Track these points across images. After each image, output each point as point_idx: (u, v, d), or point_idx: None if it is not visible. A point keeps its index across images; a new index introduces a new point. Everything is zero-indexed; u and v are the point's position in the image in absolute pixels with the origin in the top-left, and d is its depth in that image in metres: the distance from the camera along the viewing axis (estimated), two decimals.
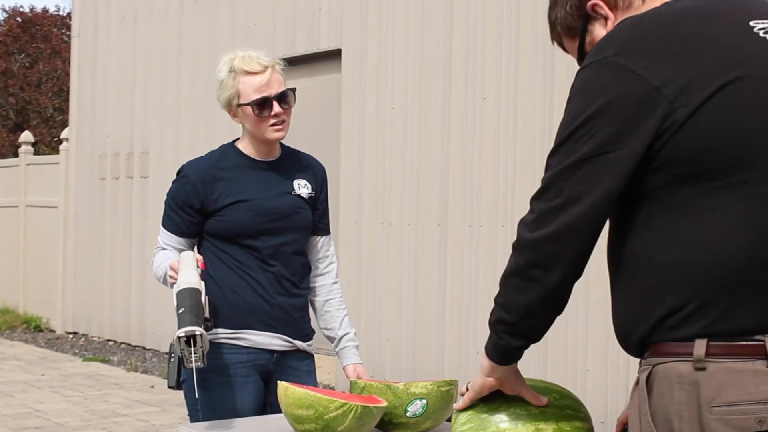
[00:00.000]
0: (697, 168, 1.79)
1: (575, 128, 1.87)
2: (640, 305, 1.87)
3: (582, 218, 1.85)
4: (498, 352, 2.07)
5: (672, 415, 1.79)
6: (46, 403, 8.09)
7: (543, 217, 1.89)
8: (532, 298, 1.93)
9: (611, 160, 1.83)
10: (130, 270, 11.14)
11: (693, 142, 1.79)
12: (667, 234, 1.83)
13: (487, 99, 7.15)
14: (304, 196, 3.52)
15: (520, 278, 1.93)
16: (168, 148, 10.62)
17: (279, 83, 3.43)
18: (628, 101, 1.81)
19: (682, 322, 1.81)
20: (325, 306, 3.63)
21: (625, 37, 1.86)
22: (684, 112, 1.78)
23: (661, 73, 1.80)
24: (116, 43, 11.66)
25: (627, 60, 1.83)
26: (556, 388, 2.26)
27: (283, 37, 9.17)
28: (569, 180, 1.86)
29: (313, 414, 2.59)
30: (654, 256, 1.85)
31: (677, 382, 1.79)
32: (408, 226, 7.75)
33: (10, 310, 13.19)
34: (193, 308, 2.99)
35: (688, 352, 1.79)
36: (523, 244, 1.92)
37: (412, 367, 7.66)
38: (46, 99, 22.78)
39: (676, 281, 1.81)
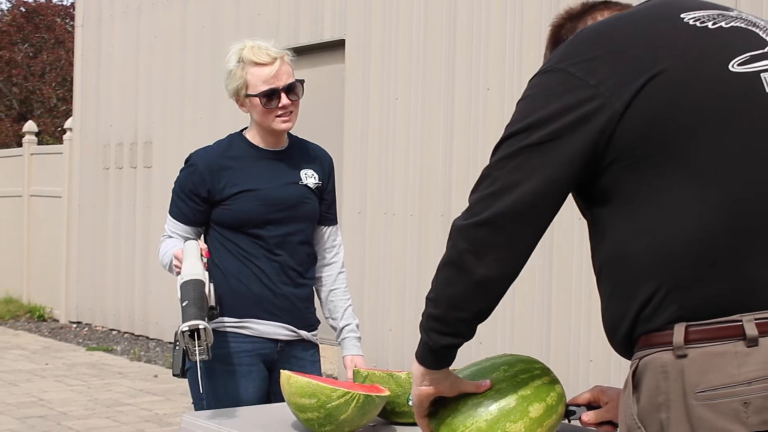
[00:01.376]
0: (642, 155, 1.82)
1: (516, 130, 1.92)
2: (621, 303, 1.89)
3: (515, 205, 1.87)
4: (427, 352, 2.07)
5: (660, 406, 1.80)
6: (49, 392, 8.11)
7: (475, 206, 1.92)
8: (460, 288, 1.94)
9: (548, 150, 1.86)
10: (134, 260, 11.15)
11: (634, 131, 1.82)
12: (629, 226, 1.85)
13: (491, 89, 7.16)
14: (311, 186, 3.53)
15: (450, 268, 1.96)
16: (171, 138, 10.62)
17: (287, 75, 3.44)
18: (569, 100, 1.86)
19: (656, 309, 1.82)
20: (330, 296, 3.64)
21: (565, 47, 1.95)
22: (620, 103, 1.82)
23: (596, 73, 1.85)
24: (120, 33, 11.66)
25: (567, 65, 1.89)
26: (505, 359, 2.26)
27: (286, 27, 9.17)
28: (504, 169, 1.90)
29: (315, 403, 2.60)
30: (621, 251, 1.86)
31: (661, 372, 1.80)
32: (411, 216, 7.76)
33: (13, 300, 13.21)
34: (197, 301, 2.99)
35: (669, 341, 1.79)
36: (453, 232, 1.95)
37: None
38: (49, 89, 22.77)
39: (646, 270, 1.83)
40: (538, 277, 6.68)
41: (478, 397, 2.15)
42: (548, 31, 2.28)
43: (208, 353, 2.94)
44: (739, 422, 1.73)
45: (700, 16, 1.91)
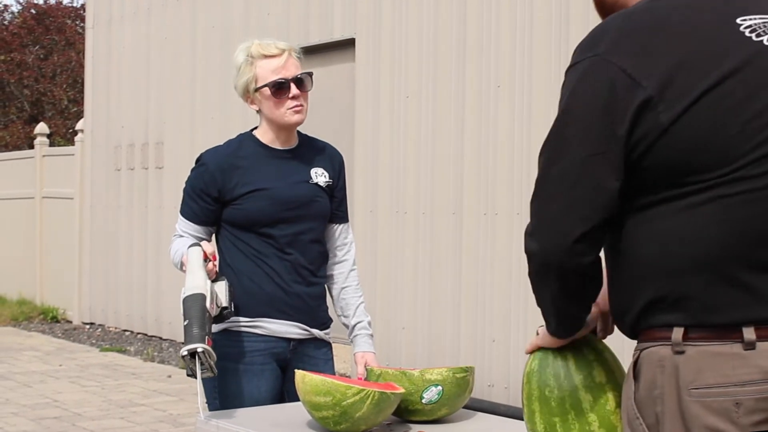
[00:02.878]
0: (680, 170, 1.82)
1: (563, 125, 1.89)
2: (627, 296, 1.92)
3: (582, 222, 1.87)
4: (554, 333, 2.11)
5: (656, 398, 1.83)
6: (64, 393, 8.13)
7: (545, 230, 1.91)
8: (562, 303, 1.99)
9: (601, 163, 1.85)
10: (146, 260, 11.17)
11: (675, 147, 1.81)
12: (649, 230, 1.87)
13: (502, 87, 7.15)
14: (322, 185, 3.53)
15: (545, 288, 1.99)
16: (183, 138, 10.64)
17: (296, 67, 3.45)
18: (616, 101, 1.83)
19: (662, 313, 1.85)
20: (342, 293, 3.64)
21: (616, 33, 1.87)
22: (667, 117, 1.81)
23: (649, 74, 1.82)
24: (130, 34, 11.68)
25: (618, 59, 1.84)
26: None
27: (296, 26, 9.17)
28: (562, 186, 1.89)
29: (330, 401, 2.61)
30: (636, 251, 1.89)
31: (658, 365, 1.84)
32: (423, 214, 7.76)
33: (27, 301, 13.24)
34: (198, 319, 2.99)
35: (668, 337, 1.83)
36: (535, 261, 1.95)
37: (427, 354, 7.67)
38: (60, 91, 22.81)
39: (656, 275, 1.85)
40: None
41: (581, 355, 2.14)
42: None
43: (212, 371, 2.96)
44: (730, 421, 1.76)
45: (756, 24, 1.88)
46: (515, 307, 6.91)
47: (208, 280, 3.14)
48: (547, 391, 2.12)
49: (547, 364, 2.14)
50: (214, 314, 3.11)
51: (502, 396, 6.98)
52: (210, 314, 3.05)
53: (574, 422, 2.09)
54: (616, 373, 2.12)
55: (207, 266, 3.20)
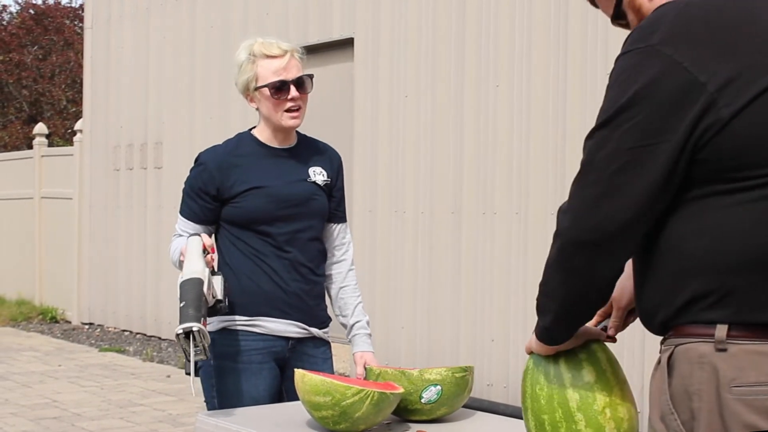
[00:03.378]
0: (735, 165, 1.80)
1: (615, 113, 1.85)
2: (665, 290, 1.88)
3: (622, 210, 1.84)
4: (543, 333, 2.09)
5: (692, 394, 1.81)
6: (63, 393, 8.13)
7: (582, 209, 1.88)
8: (572, 290, 1.95)
9: (651, 153, 1.82)
10: (145, 260, 11.17)
11: (735, 141, 1.78)
12: (697, 224, 1.84)
13: (500, 86, 7.15)
14: (320, 183, 3.53)
15: (561, 270, 1.95)
16: (182, 138, 10.64)
17: (297, 69, 3.46)
18: (672, 94, 1.79)
19: (705, 309, 1.83)
20: (340, 293, 3.64)
21: (671, 24, 1.83)
22: (728, 111, 1.78)
23: (707, 67, 1.78)
24: (129, 34, 11.68)
25: (673, 50, 1.80)
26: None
27: (295, 26, 9.17)
28: (607, 171, 1.84)
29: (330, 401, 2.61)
30: (682, 245, 1.85)
31: (698, 362, 1.81)
32: (422, 214, 7.76)
33: (26, 302, 13.24)
34: (194, 301, 2.99)
35: (710, 334, 1.81)
36: (563, 237, 1.92)
37: (426, 354, 7.67)
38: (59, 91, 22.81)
39: (703, 269, 1.83)
40: None
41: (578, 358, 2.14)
42: None
43: (206, 353, 2.95)
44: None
45: None
46: (514, 306, 6.91)
47: (206, 268, 3.14)
48: (537, 389, 2.13)
49: (539, 362, 2.15)
50: (210, 304, 3.11)
51: (501, 395, 6.98)
52: (206, 299, 3.05)
53: (562, 421, 2.09)
54: (608, 373, 2.11)
55: (205, 257, 3.20)
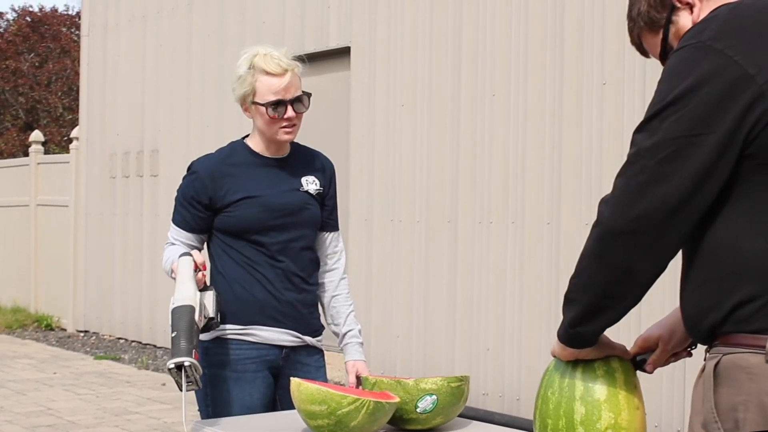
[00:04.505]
0: None
1: (664, 106, 1.84)
2: (715, 294, 1.85)
3: (666, 199, 1.81)
4: (564, 333, 2.07)
5: (738, 404, 1.79)
6: (58, 401, 8.12)
7: (623, 197, 1.85)
8: (607, 281, 1.92)
9: (699, 143, 1.80)
10: (141, 268, 11.17)
11: None
12: (751, 222, 1.81)
13: (497, 95, 7.16)
14: (312, 193, 3.54)
15: (597, 261, 1.91)
16: (178, 146, 10.64)
17: (296, 88, 3.44)
18: (722, 86, 1.79)
19: (754, 313, 1.80)
20: (333, 302, 3.64)
21: (722, 22, 1.84)
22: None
23: (757, 61, 1.78)
24: (126, 42, 11.68)
25: (724, 45, 1.81)
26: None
27: (292, 34, 9.18)
28: (654, 159, 1.82)
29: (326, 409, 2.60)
30: (736, 244, 1.83)
31: (746, 372, 1.79)
32: (418, 223, 7.76)
33: (21, 309, 13.23)
34: (186, 332, 2.99)
35: (761, 345, 1.78)
36: (602, 225, 1.89)
37: (422, 363, 7.67)
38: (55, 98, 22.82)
39: (753, 271, 1.80)
40: (545, 282, 6.68)
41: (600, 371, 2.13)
42: None
43: (197, 384, 2.96)
44: None
45: None
46: (510, 316, 6.91)
47: (197, 292, 3.14)
48: (549, 392, 2.13)
49: (559, 366, 2.15)
50: (201, 326, 3.12)
51: (496, 405, 6.98)
52: (198, 327, 3.06)
53: (563, 429, 2.09)
54: (621, 395, 2.10)
55: (197, 276, 3.20)
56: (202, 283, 3.23)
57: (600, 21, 6.37)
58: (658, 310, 3.29)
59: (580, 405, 2.09)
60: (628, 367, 2.16)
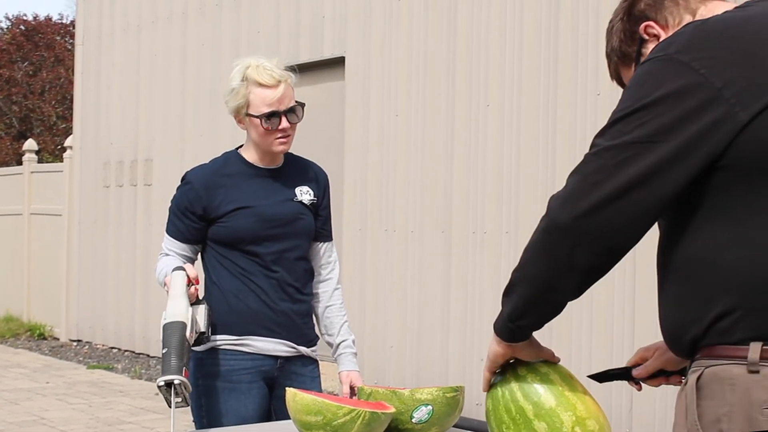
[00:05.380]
0: (761, 168, 1.78)
1: (628, 113, 1.84)
2: (695, 307, 1.85)
3: (619, 196, 1.82)
4: (505, 328, 2.07)
5: (722, 416, 1.79)
6: (51, 410, 8.10)
7: (575, 195, 1.86)
8: (549, 276, 1.92)
9: (656, 149, 1.80)
10: (134, 278, 11.15)
11: (758, 143, 1.77)
12: (729, 234, 1.81)
13: (491, 106, 7.17)
14: (306, 203, 3.54)
15: (541, 253, 1.92)
16: (172, 155, 10.63)
17: (290, 99, 3.45)
18: (687, 97, 1.80)
19: (734, 324, 1.80)
20: (326, 312, 3.65)
21: (689, 36, 1.86)
22: (746, 114, 1.77)
23: (722, 73, 1.79)
24: (120, 51, 11.68)
25: (689, 58, 1.82)
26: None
27: (286, 44, 9.19)
28: (612, 160, 1.83)
29: (321, 420, 2.60)
30: (714, 258, 1.82)
31: (729, 384, 1.79)
32: (412, 233, 7.76)
33: (14, 318, 13.20)
34: (177, 349, 2.99)
35: (741, 356, 1.78)
36: (549, 218, 1.89)
37: (416, 373, 7.67)
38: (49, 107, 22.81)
39: (733, 283, 1.80)
40: None
41: (541, 376, 2.15)
42: (622, 2, 2.14)
43: (186, 402, 2.97)
44: None
45: None
46: None
47: (189, 308, 3.14)
48: (504, 428, 2.15)
49: (497, 402, 2.16)
50: (192, 341, 3.12)
51: None
52: (189, 344, 3.06)
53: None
54: (566, 392, 2.11)
55: (189, 290, 3.20)
56: (195, 297, 3.23)
57: (594, 32, 6.38)
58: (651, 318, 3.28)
59: (538, 422, 2.09)
60: (554, 365, 2.17)
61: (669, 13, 2.06)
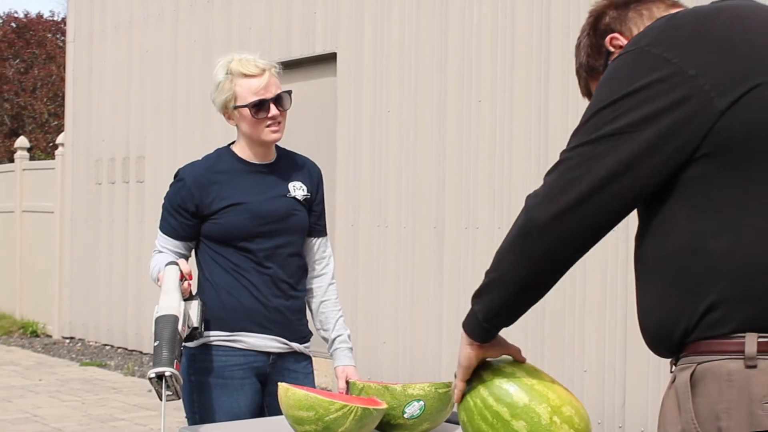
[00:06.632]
0: (744, 155, 1.77)
1: (601, 108, 1.84)
2: (683, 299, 1.83)
3: (597, 191, 1.82)
4: (477, 326, 2.07)
5: (720, 413, 1.76)
6: (44, 408, 8.09)
7: (552, 190, 1.85)
8: (526, 274, 1.92)
9: (630, 139, 1.80)
10: (127, 275, 11.14)
11: (736, 130, 1.76)
12: (715, 223, 1.79)
13: (483, 101, 7.17)
14: (300, 198, 3.54)
15: (519, 252, 1.91)
16: (164, 152, 10.63)
17: (276, 86, 3.46)
18: (661, 87, 1.79)
19: (726, 315, 1.78)
20: (321, 307, 3.64)
21: (660, 29, 1.85)
22: (722, 102, 1.77)
23: (696, 62, 1.79)
24: (111, 48, 11.67)
25: (662, 50, 1.81)
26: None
27: (278, 41, 9.18)
28: (587, 156, 1.83)
29: (313, 415, 2.61)
30: (702, 246, 1.80)
31: (726, 380, 1.76)
32: (404, 228, 7.77)
33: (6, 316, 13.19)
34: (168, 342, 3.00)
35: (737, 350, 1.76)
36: (530, 220, 1.88)
37: (409, 369, 7.67)
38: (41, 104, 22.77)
39: (725, 271, 1.78)
40: None
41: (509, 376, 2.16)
42: (587, 19, 2.16)
43: (178, 395, 2.97)
44: None
45: None
46: None
47: (182, 302, 3.14)
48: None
49: (471, 414, 2.15)
50: (185, 335, 3.12)
51: None
52: (181, 337, 3.06)
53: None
54: (534, 384, 2.13)
55: (182, 285, 3.20)
56: (188, 292, 3.24)
57: None
58: None
59: (516, 422, 2.09)
60: (516, 362, 2.20)
61: (633, 23, 2.07)
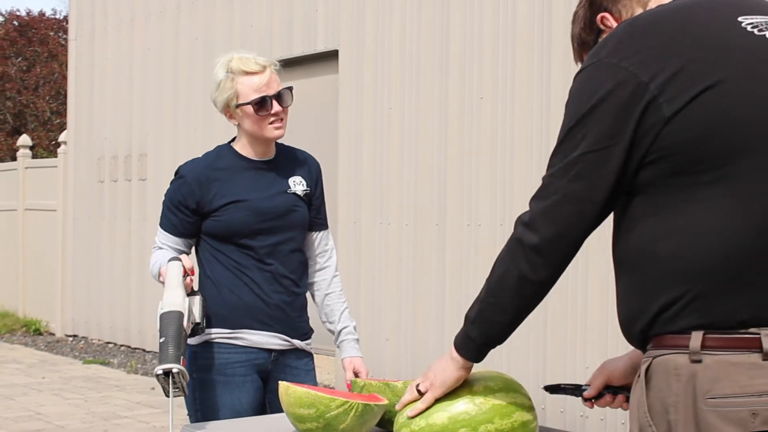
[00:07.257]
0: (688, 161, 1.83)
1: (572, 126, 1.92)
2: (640, 299, 1.90)
3: (582, 216, 1.92)
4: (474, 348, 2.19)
5: (669, 406, 1.82)
6: (46, 405, 8.10)
7: (540, 218, 1.95)
8: (527, 298, 2.03)
9: (606, 156, 1.88)
10: (129, 272, 11.15)
11: (682, 136, 1.82)
12: (663, 227, 1.86)
13: (484, 98, 7.17)
14: (300, 194, 3.54)
15: (518, 281, 2.01)
16: (166, 150, 10.63)
17: (277, 83, 3.47)
18: (621, 97, 1.86)
19: (677, 314, 1.84)
20: (326, 300, 3.65)
21: (618, 38, 1.92)
22: (669, 108, 1.83)
23: (649, 67, 1.85)
24: (113, 46, 11.67)
25: (619, 59, 1.88)
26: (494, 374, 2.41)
27: (280, 38, 9.18)
28: (565, 178, 1.91)
29: (314, 413, 2.61)
30: (651, 250, 1.88)
31: (674, 374, 1.82)
32: (406, 225, 7.76)
33: (9, 314, 13.19)
34: (174, 338, 3.00)
35: (685, 345, 1.82)
36: (524, 247, 1.99)
37: (411, 366, 7.67)
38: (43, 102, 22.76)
39: (673, 273, 1.84)
40: None
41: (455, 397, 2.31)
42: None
43: (184, 391, 2.97)
44: (746, 431, 1.75)
45: (758, 22, 1.91)
46: None
47: (186, 298, 3.14)
48: None
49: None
50: (189, 330, 3.12)
51: None
52: (186, 333, 3.06)
53: None
54: (477, 401, 2.28)
55: (185, 281, 3.20)
56: (190, 288, 3.24)
57: None
58: None
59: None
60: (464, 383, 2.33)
61: (623, 6, 2.13)
